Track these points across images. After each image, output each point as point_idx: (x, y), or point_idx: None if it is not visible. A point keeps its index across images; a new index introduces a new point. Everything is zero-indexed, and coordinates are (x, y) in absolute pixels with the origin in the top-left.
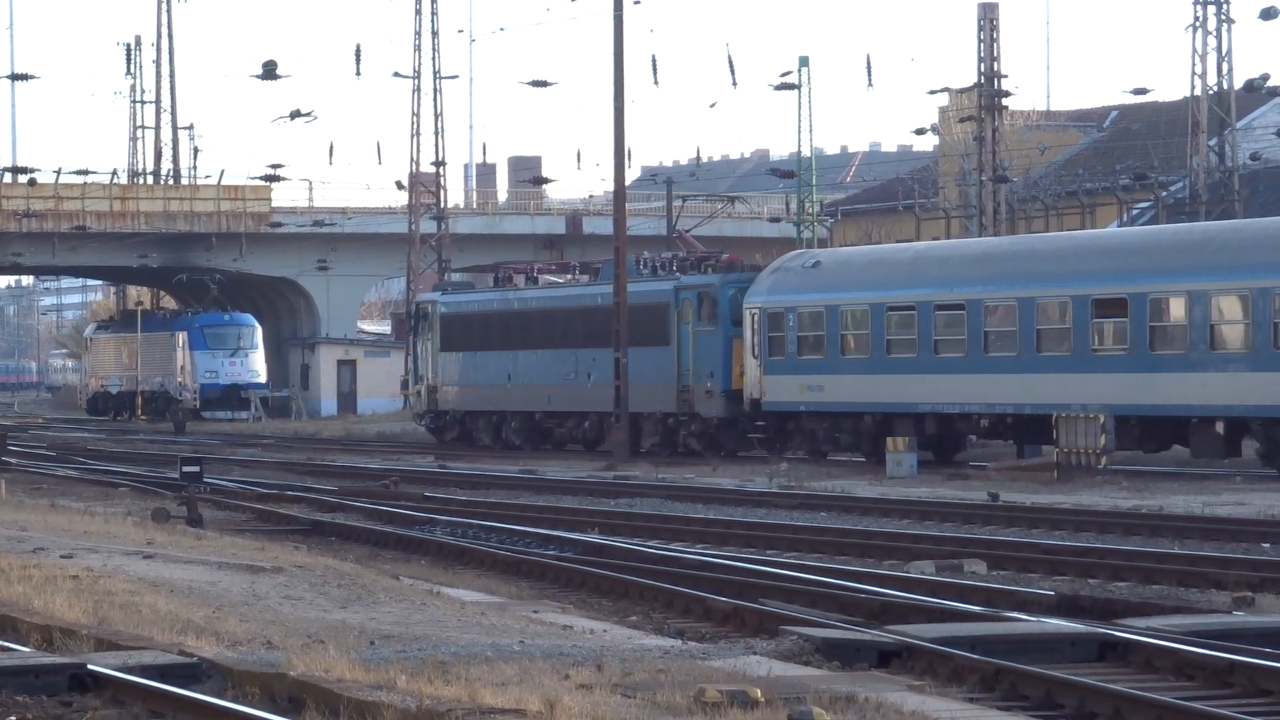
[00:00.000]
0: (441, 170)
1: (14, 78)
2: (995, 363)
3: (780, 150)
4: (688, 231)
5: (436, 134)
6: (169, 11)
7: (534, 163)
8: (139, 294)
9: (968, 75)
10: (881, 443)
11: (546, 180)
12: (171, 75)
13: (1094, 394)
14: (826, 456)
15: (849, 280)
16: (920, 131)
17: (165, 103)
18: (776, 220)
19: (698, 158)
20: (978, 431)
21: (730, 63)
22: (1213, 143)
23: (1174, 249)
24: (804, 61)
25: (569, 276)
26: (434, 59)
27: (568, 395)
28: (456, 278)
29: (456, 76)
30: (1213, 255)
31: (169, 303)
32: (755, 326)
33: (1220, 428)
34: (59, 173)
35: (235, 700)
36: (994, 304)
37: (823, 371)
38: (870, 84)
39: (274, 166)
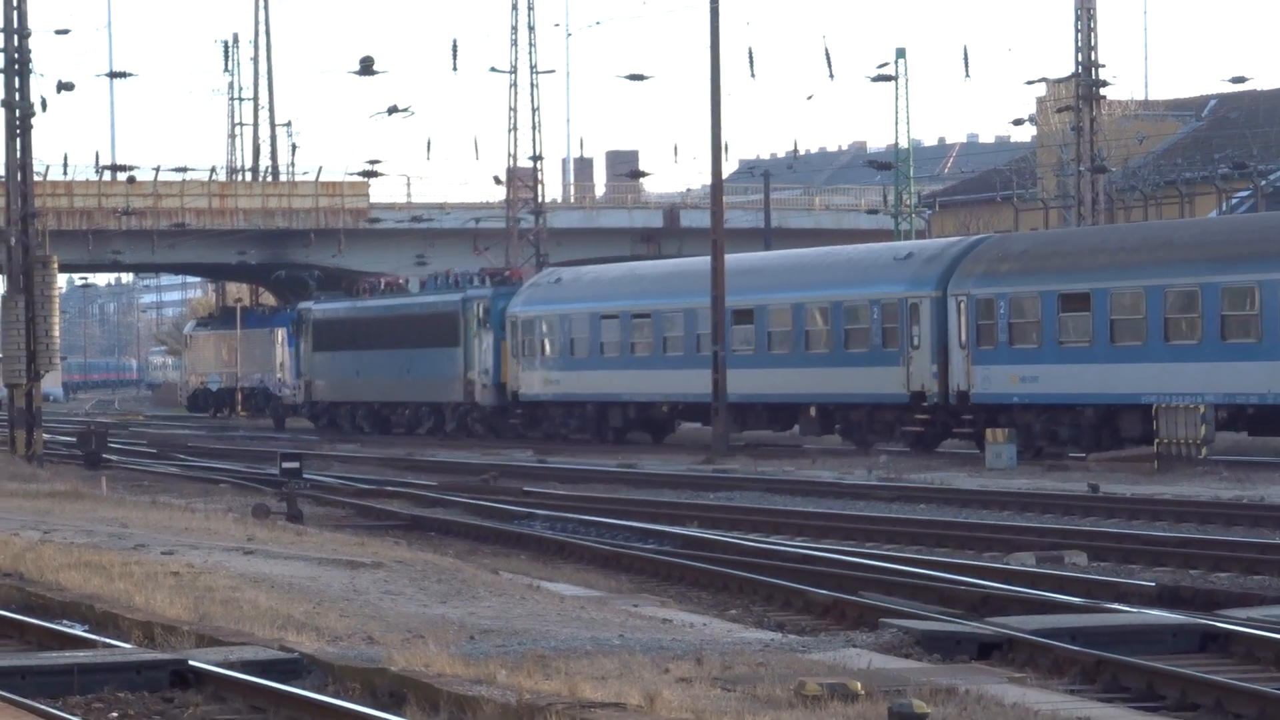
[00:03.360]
0: (539, 165)
1: (113, 75)
2: (667, 360)
3: (877, 142)
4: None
5: (534, 128)
6: (266, 9)
7: (631, 156)
8: (238, 291)
9: (1065, 65)
10: (604, 423)
11: (644, 174)
12: (269, 72)
13: (736, 386)
14: (566, 438)
15: (578, 294)
16: (1018, 122)
17: (263, 100)
18: (874, 212)
19: (795, 150)
20: (662, 416)
21: (827, 55)
22: None
23: (784, 270)
24: (901, 53)
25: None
26: (531, 54)
27: (396, 388)
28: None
29: (553, 71)
30: (808, 275)
31: (268, 299)
32: (513, 332)
33: (814, 412)
34: (158, 170)
35: (336, 696)
36: (667, 313)
37: (559, 368)
38: (967, 75)
39: (372, 162)
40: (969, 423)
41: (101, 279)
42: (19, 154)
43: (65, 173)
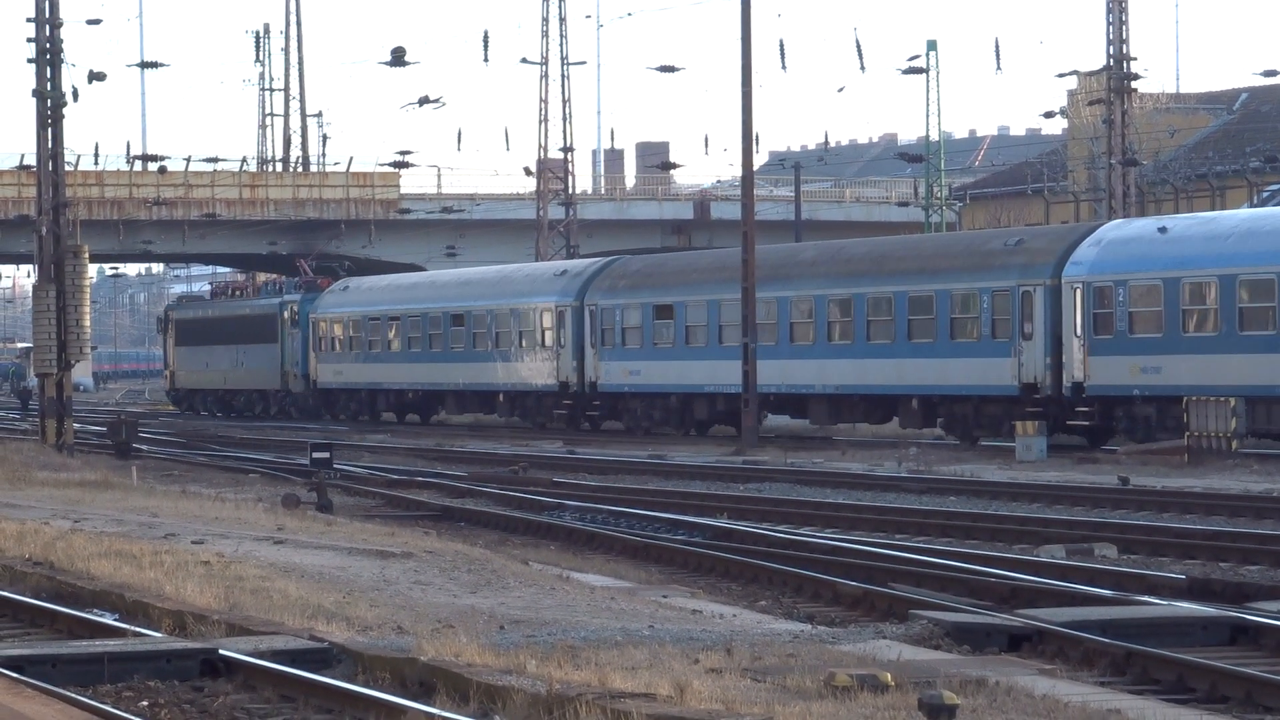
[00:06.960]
0: (569, 156)
1: (144, 66)
2: (410, 355)
3: (908, 134)
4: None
5: (564, 120)
6: None
7: (662, 148)
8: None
9: (1096, 58)
10: (374, 407)
11: (674, 165)
12: (300, 63)
13: (454, 377)
14: (356, 419)
15: (358, 300)
16: (1049, 115)
17: (294, 90)
18: (905, 205)
19: (825, 142)
20: (409, 402)
21: (858, 47)
22: None
23: (486, 282)
24: (932, 45)
25: (246, 292)
26: (562, 45)
27: (234, 377)
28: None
29: (584, 62)
30: (502, 286)
31: None
32: (314, 331)
33: (502, 398)
34: (189, 160)
35: (366, 685)
36: (413, 316)
37: (347, 361)
38: (999, 67)
39: (402, 153)
40: (598, 407)
41: (132, 269)
42: (50, 143)
43: (96, 163)
